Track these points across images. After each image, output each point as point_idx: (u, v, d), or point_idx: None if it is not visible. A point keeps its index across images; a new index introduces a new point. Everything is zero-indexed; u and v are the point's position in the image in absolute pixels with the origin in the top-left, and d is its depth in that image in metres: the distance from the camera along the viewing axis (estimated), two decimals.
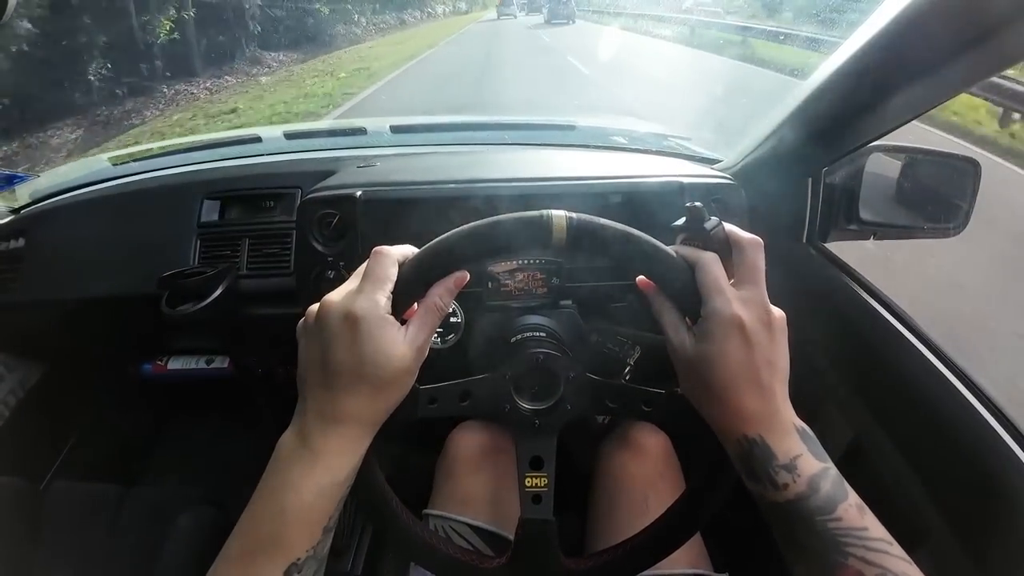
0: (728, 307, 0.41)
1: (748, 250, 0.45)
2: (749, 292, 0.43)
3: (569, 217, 0.44)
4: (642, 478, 0.77)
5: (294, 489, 0.40)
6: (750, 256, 0.44)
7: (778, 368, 0.43)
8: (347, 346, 0.40)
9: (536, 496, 0.50)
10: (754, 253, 0.44)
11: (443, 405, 0.49)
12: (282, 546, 0.39)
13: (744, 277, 0.44)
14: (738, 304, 0.42)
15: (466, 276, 0.45)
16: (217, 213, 0.98)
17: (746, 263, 0.44)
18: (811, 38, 7.73)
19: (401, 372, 0.42)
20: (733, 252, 0.45)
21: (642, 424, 0.83)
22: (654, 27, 15.71)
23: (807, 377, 0.79)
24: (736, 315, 0.41)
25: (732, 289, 0.43)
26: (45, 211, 1.07)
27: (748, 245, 0.45)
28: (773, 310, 0.43)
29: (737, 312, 0.41)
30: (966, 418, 0.55)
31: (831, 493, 0.39)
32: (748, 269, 0.44)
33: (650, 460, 0.79)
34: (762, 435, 0.41)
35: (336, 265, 0.84)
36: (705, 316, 0.42)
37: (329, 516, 0.41)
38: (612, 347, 0.85)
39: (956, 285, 2.53)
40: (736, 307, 0.41)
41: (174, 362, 1.25)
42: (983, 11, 0.46)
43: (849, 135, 0.70)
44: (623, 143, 1.18)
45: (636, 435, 0.82)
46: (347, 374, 0.41)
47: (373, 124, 1.36)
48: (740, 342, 0.41)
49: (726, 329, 0.41)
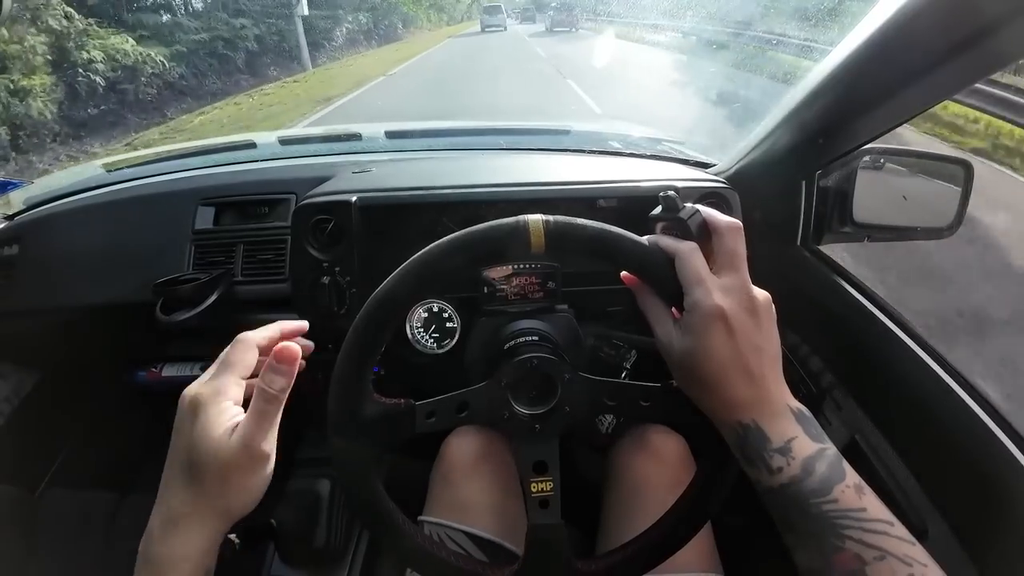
0: (709, 298, 0.41)
1: (727, 236, 0.44)
2: (730, 279, 0.42)
3: (546, 220, 0.44)
4: (659, 483, 0.75)
5: None
6: (729, 242, 0.44)
7: (767, 352, 0.42)
8: (185, 434, 0.39)
9: (543, 501, 0.50)
10: (733, 238, 0.44)
11: (441, 418, 0.49)
12: None
13: (724, 264, 0.43)
14: (719, 294, 0.41)
15: (298, 352, 0.41)
16: (211, 219, 0.98)
17: (725, 249, 0.44)
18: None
19: (227, 468, 0.38)
20: (713, 239, 0.45)
21: (657, 427, 0.82)
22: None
23: (802, 379, 0.80)
24: (717, 306, 0.41)
25: (713, 278, 0.42)
26: (39, 218, 1.06)
27: (726, 230, 0.44)
28: (757, 294, 0.43)
29: (718, 303, 0.41)
30: (961, 418, 0.56)
31: (827, 474, 0.38)
32: (728, 255, 0.43)
33: (667, 464, 0.77)
34: (756, 420, 0.41)
35: (331, 271, 0.83)
36: (688, 308, 0.42)
37: None
38: (609, 351, 0.85)
39: None
40: (717, 297, 0.41)
41: (168, 369, 1.24)
42: (974, 14, 0.46)
43: (842, 138, 0.70)
44: (618, 147, 1.19)
45: (653, 439, 0.80)
46: (182, 464, 0.39)
47: (368, 130, 1.36)
48: (724, 333, 0.41)
49: (709, 321, 0.41)
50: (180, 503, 0.38)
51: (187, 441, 0.38)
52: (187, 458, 0.38)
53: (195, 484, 0.38)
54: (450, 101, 8.43)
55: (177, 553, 0.38)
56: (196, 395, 0.39)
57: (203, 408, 0.38)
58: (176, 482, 0.39)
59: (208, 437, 0.38)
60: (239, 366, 0.41)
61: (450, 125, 1.58)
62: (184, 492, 0.38)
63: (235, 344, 0.42)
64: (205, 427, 0.38)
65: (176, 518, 0.38)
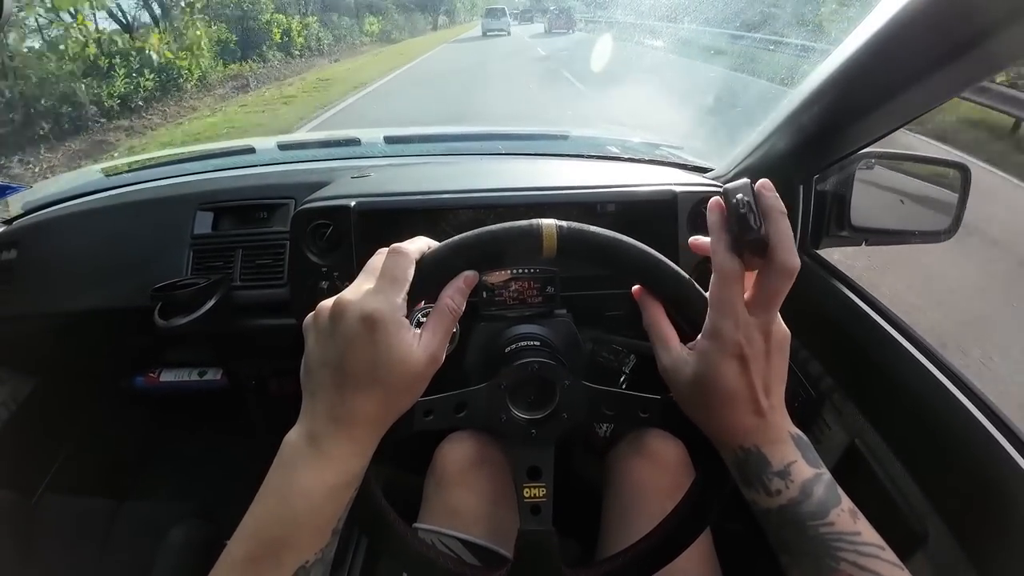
0: (734, 333, 0.40)
1: (781, 278, 0.40)
2: (762, 319, 0.41)
3: (559, 226, 0.44)
4: (659, 488, 0.75)
5: (304, 492, 0.39)
6: (779, 284, 0.40)
7: (775, 385, 0.42)
8: (364, 348, 0.39)
9: (535, 507, 0.49)
10: (785, 283, 0.40)
11: (439, 417, 0.49)
12: (291, 549, 0.38)
13: (762, 302, 0.41)
14: (745, 331, 0.40)
15: (476, 276, 0.44)
16: (210, 224, 0.98)
17: (772, 288, 0.40)
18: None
19: (415, 378, 0.42)
20: (766, 272, 0.41)
21: (657, 432, 0.81)
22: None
23: (801, 383, 0.80)
24: (740, 342, 0.40)
25: (744, 313, 0.41)
26: (37, 222, 1.06)
27: (782, 269, 0.40)
28: (777, 330, 0.41)
29: (741, 340, 0.40)
30: (961, 421, 0.56)
31: (824, 498, 0.39)
32: (770, 295, 0.40)
33: (667, 470, 0.77)
34: (757, 445, 0.41)
35: (330, 276, 0.83)
36: (707, 334, 0.41)
37: (338, 518, 0.41)
38: (607, 355, 0.85)
39: None
40: (743, 333, 0.40)
41: (166, 374, 1.24)
42: (971, 17, 0.47)
43: (839, 142, 0.70)
44: (616, 152, 1.19)
45: (651, 444, 0.80)
46: (362, 376, 0.40)
47: (367, 135, 1.37)
48: (738, 367, 0.40)
49: (726, 354, 0.40)
50: (362, 405, 0.40)
51: (371, 352, 0.39)
52: (367, 369, 0.40)
53: (380, 388, 0.40)
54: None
55: (352, 448, 0.40)
56: (371, 311, 0.39)
57: (383, 324, 0.39)
58: (347, 391, 0.40)
59: (400, 349, 0.40)
60: (404, 282, 0.42)
61: (449, 130, 1.59)
62: (367, 395, 0.40)
63: (396, 257, 0.42)
64: (392, 341, 0.40)
65: (353, 417, 0.40)
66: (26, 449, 1.18)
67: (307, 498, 0.39)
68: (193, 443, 1.46)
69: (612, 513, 0.78)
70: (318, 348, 0.41)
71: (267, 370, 1.20)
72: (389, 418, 0.42)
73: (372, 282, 0.42)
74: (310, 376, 0.41)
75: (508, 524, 0.72)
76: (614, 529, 0.75)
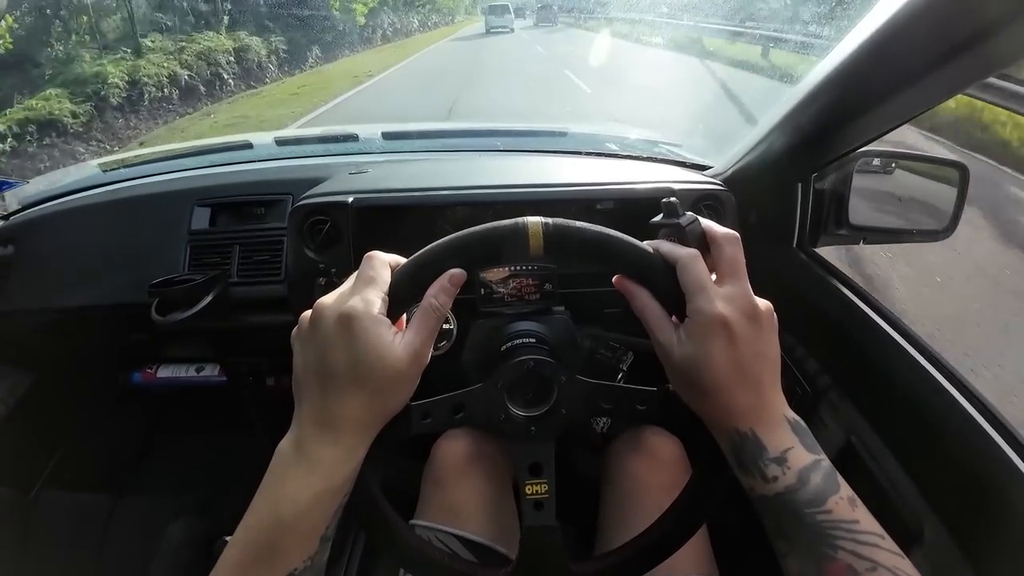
0: (711, 306, 0.41)
1: (726, 246, 0.44)
2: (732, 288, 0.42)
3: (545, 223, 0.44)
4: (657, 485, 0.75)
5: (291, 499, 0.39)
6: (729, 251, 0.44)
7: (767, 361, 0.42)
8: (341, 348, 0.40)
9: (538, 503, 0.49)
10: (733, 248, 0.44)
11: (437, 420, 0.48)
12: (279, 556, 0.39)
13: (726, 272, 0.43)
14: (721, 302, 0.41)
15: (463, 275, 0.44)
16: (208, 220, 0.97)
17: (726, 258, 0.44)
18: None
19: (398, 377, 0.41)
20: (712, 248, 0.45)
21: (655, 429, 0.82)
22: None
23: (798, 380, 0.80)
24: (720, 313, 0.41)
25: (715, 287, 0.42)
26: (34, 218, 1.06)
27: (725, 240, 0.44)
28: (759, 302, 0.43)
29: (721, 310, 0.41)
30: (956, 419, 0.56)
31: (821, 486, 0.39)
32: (729, 264, 0.43)
33: (664, 465, 0.78)
34: (753, 428, 0.41)
35: (327, 272, 0.83)
36: (690, 315, 0.42)
37: (326, 525, 0.41)
38: (605, 353, 0.85)
39: None
40: (719, 305, 0.41)
41: (164, 370, 1.24)
42: (971, 15, 0.46)
43: (838, 140, 0.70)
44: (615, 149, 1.19)
45: (649, 441, 0.80)
46: (341, 377, 0.40)
47: (365, 131, 1.36)
48: (726, 341, 0.41)
49: (711, 328, 0.41)
50: (344, 407, 0.40)
51: (349, 351, 0.40)
52: (346, 369, 0.40)
53: (361, 389, 0.40)
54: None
55: (336, 454, 0.41)
56: (349, 308, 0.40)
57: (359, 321, 0.40)
58: (329, 394, 0.40)
59: (377, 345, 0.40)
60: (380, 281, 0.42)
61: (447, 126, 1.59)
62: (349, 397, 0.40)
63: (369, 260, 0.44)
64: (369, 337, 0.40)
65: (337, 421, 0.40)
66: (24, 445, 1.18)
67: (294, 504, 0.39)
68: (191, 439, 1.46)
69: (610, 508, 0.78)
70: (302, 355, 0.42)
71: (264, 366, 1.20)
72: (375, 421, 0.42)
73: (349, 286, 0.43)
74: (297, 384, 0.42)
75: (506, 521, 0.73)
76: (612, 523, 0.76)
